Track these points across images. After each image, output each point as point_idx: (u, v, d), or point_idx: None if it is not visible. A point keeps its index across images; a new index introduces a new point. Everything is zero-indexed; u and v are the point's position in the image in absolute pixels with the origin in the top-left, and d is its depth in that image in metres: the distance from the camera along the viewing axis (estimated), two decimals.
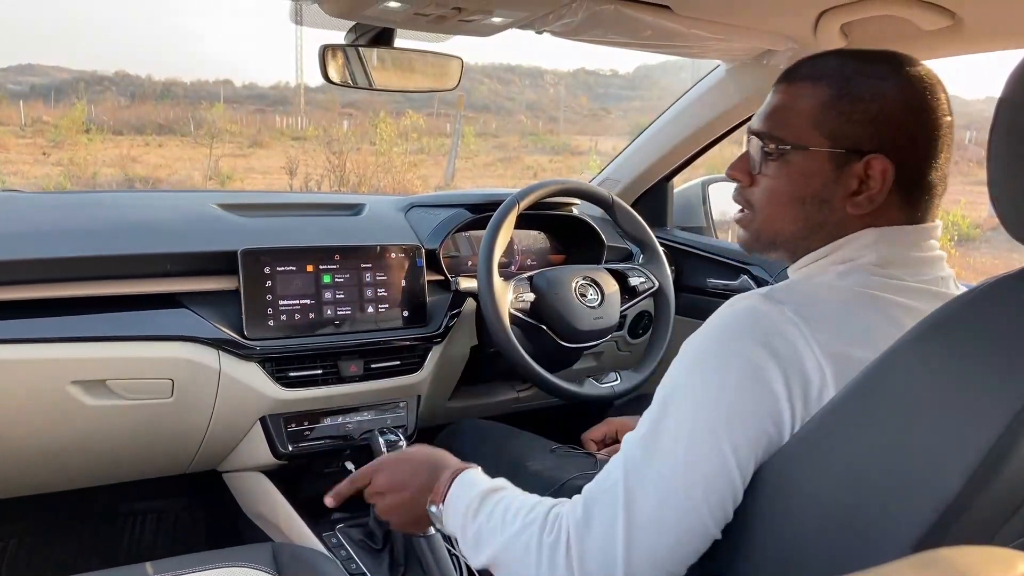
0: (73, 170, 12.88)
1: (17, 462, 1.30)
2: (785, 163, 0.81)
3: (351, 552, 1.34)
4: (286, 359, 1.38)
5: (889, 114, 0.77)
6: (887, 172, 0.77)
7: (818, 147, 0.79)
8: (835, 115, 0.78)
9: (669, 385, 0.76)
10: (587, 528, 0.73)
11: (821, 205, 0.80)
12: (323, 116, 25.61)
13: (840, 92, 0.78)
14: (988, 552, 0.30)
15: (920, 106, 0.78)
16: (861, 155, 0.78)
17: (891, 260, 0.78)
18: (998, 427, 0.57)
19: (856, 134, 0.78)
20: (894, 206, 0.79)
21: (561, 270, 1.57)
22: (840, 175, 0.79)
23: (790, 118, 0.81)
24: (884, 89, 0.77)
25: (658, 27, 1.25)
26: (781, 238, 0.85)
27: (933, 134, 0.78)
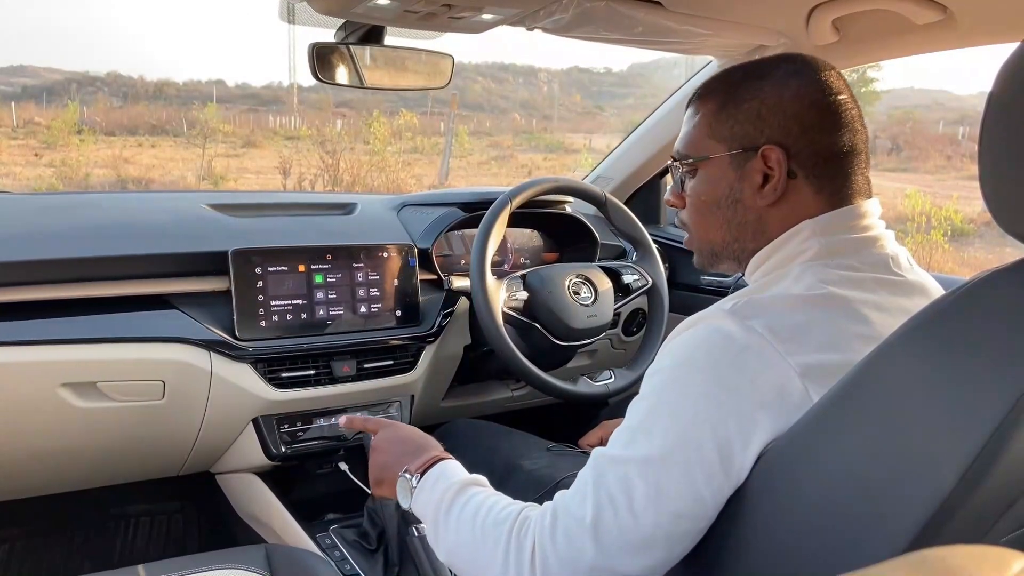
0: (65, 171, 12.83)
1: (7, 466, 1.29)
2: (697, 178, 0.89)
3: (345, 553, 1.34)
4: (278, 360, 1.38)
5: (771, 106, 0.82)
6: (781, 159, 0.81)
7: (717, 153, 0.85)
8: (724, 121, 0.85)
9: (641, 412, 0.77)
10: (552, 538, 0.75)
11: (735, 205, 0.86)
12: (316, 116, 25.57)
13: (725, 101, 0.85)
14: (981, 551, 0.30)
15: (802, 91, 0.82)
16: (755, 151, 0.82)
17: (835, 249, 0.80)
18: (991, 424, 0.57)
19: (745, 132, 0.83)
20: (805, 190, 0.82)
21: (554, 268, 1.57)
22: (743, 173, 0.84)
23: (692, 137, 0.88)
24: (762, 86, 0.83)
25: (650, 23, 1.24)
26: (717, 247, 0.90)
27: (824, 113, 0.82)
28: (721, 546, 0.74)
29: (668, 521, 0.72)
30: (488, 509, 0.82)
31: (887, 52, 1.40)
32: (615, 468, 0.75)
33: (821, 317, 0.74)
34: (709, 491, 0.72)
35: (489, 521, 0.80)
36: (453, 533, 0.83)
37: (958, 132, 22.19)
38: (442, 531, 0.84)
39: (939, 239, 8.37)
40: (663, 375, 0.76)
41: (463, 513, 0.83)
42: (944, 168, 18.26)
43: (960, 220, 9.09)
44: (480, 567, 0.80)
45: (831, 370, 0.71)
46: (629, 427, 0.77)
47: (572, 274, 1.56)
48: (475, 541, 0.81)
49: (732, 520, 0.73)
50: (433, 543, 0.86)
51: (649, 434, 0.74)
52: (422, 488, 0.90)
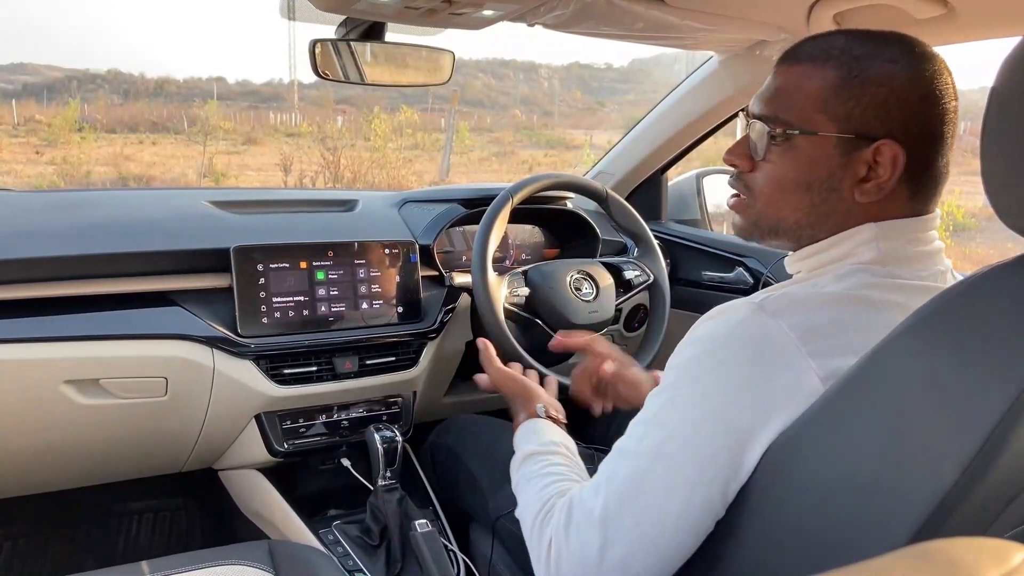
0: (66, 169, 12.82)
1: (10, 462, 1.29)
2: (791, 148, 0.78)
3: (348, 549, 1.34)
4: (280, 356, 1.38)
5: (900, 99, 0.74)
6: (898, 159, 0.74)
7: (826, 132, 0.76)
8: (844, 98, 0.75)
9: (657, 404, 0.76)
10: (566, 534, 0.77)
11: (828, 193, 0.77)
12: (317, 112, 25.53)
13: (849, 74, 0.75)
14: (982, 543, 0.30)
15: (930, 91, 0.75)
16: (871, 141, 0.75)
17: (891, 257, 0.76)
18: (993, 417, 0.57)
19: (865, 119, 0.75)
20: (902, 196, 0.77)
21: (555, 264, 1.57)
22: (848, 161, 0.76)
23: (796, 101, 0.78)
24: (895, 72, 0.74)
25: (650, 18, 1.24)
26: (784, 225, 0.81)
27: (942, 119, 0.76)
28: (724, 540, 0.74)
29: (678, 516, 0.72)
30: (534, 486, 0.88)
31: None
32: (628, 461, 0.75)
33: (853, 318, 0.72)
34: (719, 486, 0.71)
35: (530, 500, 0.87)
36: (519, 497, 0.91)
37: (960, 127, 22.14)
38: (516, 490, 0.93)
39: (941, 234, 8.32)
40: (681, 369, 0.75)
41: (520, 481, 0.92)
42: None
43: (962, 215, 9.07)
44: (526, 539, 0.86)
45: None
46: (644, 419, 0.76)
47: (573, 270, 1.56)
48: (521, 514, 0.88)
49: (735, 514, 0.73)
50: None
51: (663, 427, 0.73)
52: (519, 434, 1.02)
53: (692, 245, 1.94)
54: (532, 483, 0.89)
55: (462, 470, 1.37)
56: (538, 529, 0.81)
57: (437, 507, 1.47)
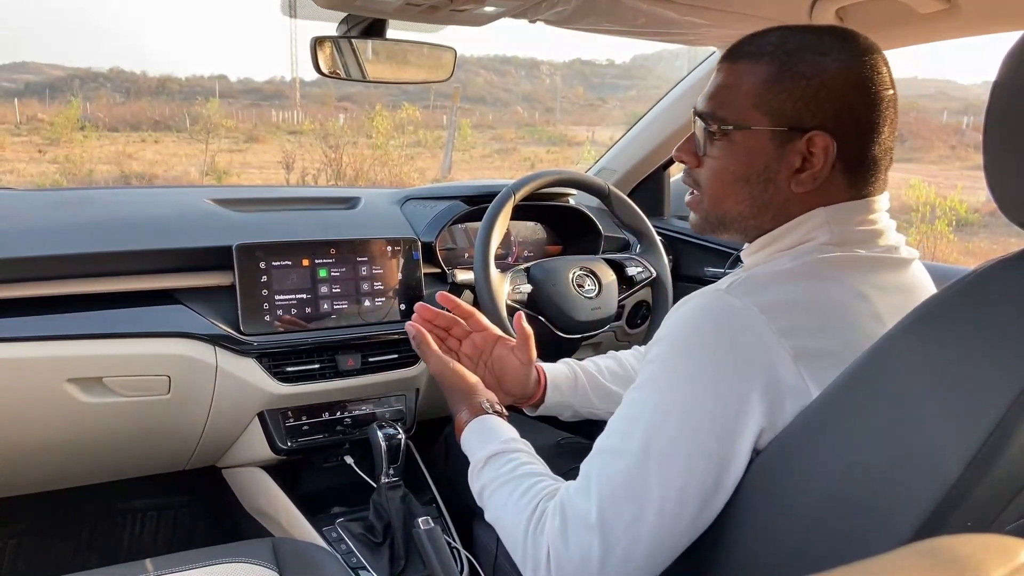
0: (69, 168, 12.83)
1: (14, 461, 1.29)
2: (729, 143, 0.82)
3: (351, 546, 1.34)
4: (283, 354, 1.38)
5: (830, 90, 0.77)
6: (829, 148, 0.77)
7: (760, 126, 0.79)
8: (776, 93, 0.78)
9: (639, 400, 0.76)
10: (564, 541, 0.75)
11: (766, 184, 0.81)
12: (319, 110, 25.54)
13: (781, 69, 0.78)
14: (988, 540, 0.30)
15: (862, 80, 0.78)
16: (803, 132, 0.78)
17: (844, 238, 0.79)
18: (997, 412, 0.57)
19: (797, 111, 0.78)
20: (839, 183, 0.80)
21: (558, 261, 1.56)
22: (782, 153, 0.79)
23: (732, 98, 0.81)
24: (825, 64, 0.77)
25: (652, 14, 1.24)
26: (729, 217, 0.85)
27: (875, 108, 0.79)
28: (726, 535, 0.74)
29: (674, 510, 0.72)
30: (513, 488, 0.85)
31: (890, 41, 1.39)
32: (617, 460, 0.74)
33: (816, 293, 0.74)
34: (712, 475, 0.72)
35: (512, 504, 0.83)
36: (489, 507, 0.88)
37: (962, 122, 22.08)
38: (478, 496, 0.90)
39: (944, 229, 8.34)
40: (659, 362, 0.75)
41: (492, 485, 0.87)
42: (948, 158, 18.19)
43: (965, 210, 9.05)
44: (507, 543, 0.83)
45: (827, 352, 0.71)
46: (628, 416, 0.76)
47: (576, 267, 1.56)
48: (501, 521, 0.84)
49: (737, 508, 0.73)
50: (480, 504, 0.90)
51: (649, 423, 0.73)
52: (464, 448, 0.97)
53: (694, 241, 1.94)
54: (508, 487, 0.85)
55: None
56: (532, 537, 0.78)
57: (440, 504, 1.47)
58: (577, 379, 1.21)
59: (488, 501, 0.87)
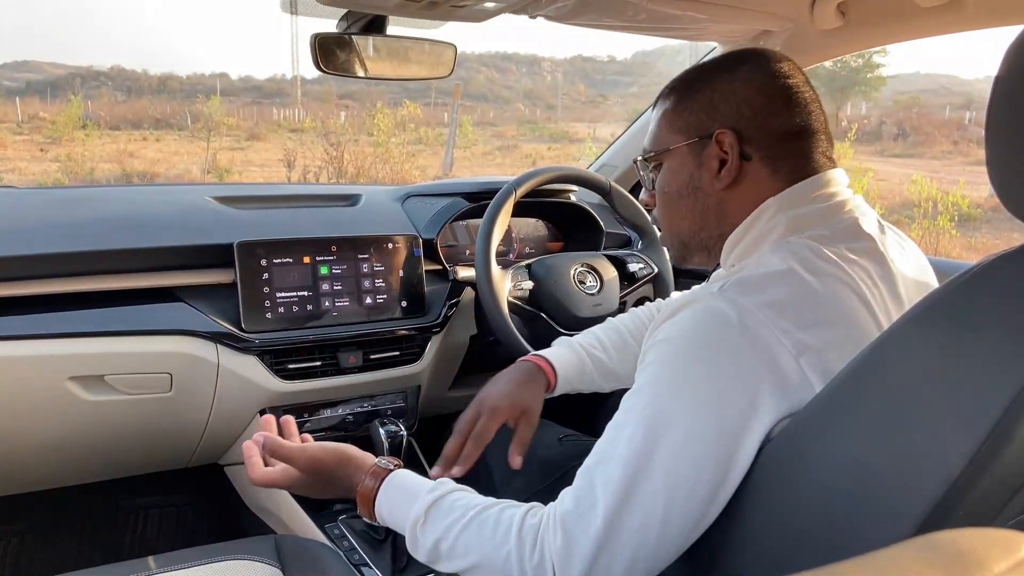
0: (71, 166, 12.84)
1: (17, 459, 1.29)
2: (661, 172, 0.93)
3: (354, 543, 1.34)
4: (284, 351, 1.38)
5: (723, 93, 0.86)
6: (732, 141, 0.84)
7: (676, 144, 0.90)
8: (680, 113, 0.89)
9: (640, 407, 0.74)
10: (568, 555, 0.73)
11: (696, 193, 0.89)
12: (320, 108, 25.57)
13: (681, 95, 0.90)
14: (990, 534, 0.29)
15: (751, 78, 0.85)
16: (710, 136, 0.86)
17: (802, 222, 0.82)
18: (1000, 407, 0.57)
19: (700, 121, 0.87)
20: (761, 172, 0.85)
21: (559, 257, 1.56)
22: (701, 160, 0.87)
23: (654, 133, 0.93)
24: (714, 77, 0.87)
25: (652, 10, 1.24)
26: (685, 237, 0.93)
27: (773, 96, 0.85)
28: (729, 531, 0.74)
29: (680, 517, 0.71)
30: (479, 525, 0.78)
31: (893, 36, 1.39)
32: (622, 469, 0.72)
33: (809, 289, 0.75)
34: (718, 482, 0.71)
35: (487, 538, 0.77)
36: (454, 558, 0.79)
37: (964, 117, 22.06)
38: (431, 553, 0.81)
39: (946, 225, 8.33)
40: (659, 368, 0.75)
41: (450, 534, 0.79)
42: (950, 153, 18.17)
43: (967, 205, 9.04)
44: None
45: (826, 345, 0.72)
46: (629, 423, 0.74)
47: (577, 263, 1.56)
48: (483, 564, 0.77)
49: (740, 505, 0.73)
50: (436, 565, 0.81)
51: (652, 431, 0.72)
52: (383, 519, 0.87)
53: None
54: (472, 528, 0.78)
55: (479, 462, 1.37)
56: (529, 562, 0.74)
57: None
58: (584, 367, 1.21)
59: (452, 551, 0.79)
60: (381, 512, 0.87)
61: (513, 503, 0.80)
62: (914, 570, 0.27)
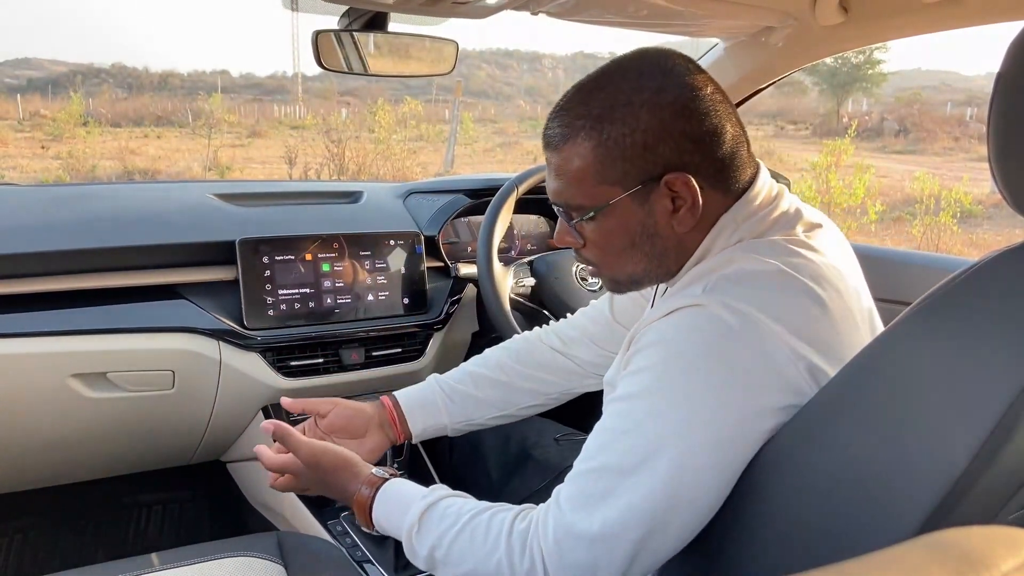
0: (72, 163, 12.84)
1: (20, 456, 1.30)
2: (598, 224, 0.81)
3: (356, 540, 1.34)
4: (287, 348, 1.38)
5: (655, 133, 0.75)
6: (689, 183, 0.76)
7: (616, 198, 0.78)
8: (610, 163, 0.77)
9: (636, 414, 0.72)
10: (559, 557, 0.72)
11: (652, 239, 0.80)
12: (321, 105, 25.56)
13: (600, 139, 0.77)
14: (996, 532, 0.29)
15: (679, 104, 0.76)
16: (657, 181, 0.76)
17: (757, 230, 0.79)
18: (1003, 402, 0.56)
19: (638, 168, 0.76)
20: (714, 197, 0.79)
21: (561, 254, 1.56)
22: (650, 206, 0.78)
23: (575, 186, 0.80)
24: (636, 112, 0.75)
25: (654, 5, 1.23)
26: (637, 276, 0.84)
27: (703, 118, 0.76)
28: (732, 531, 0.73)
29: (679, 525, 0.71)
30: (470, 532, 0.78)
31: (895, 32, 1.39)
32: (614, 479, 0.71)
33: (788, 293, 0.73)
34: (721, 489, 0.71)
35: (479, 545, 0.77)
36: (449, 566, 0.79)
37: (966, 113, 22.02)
38: (427, 561, 0.81)
39: (948, 221, 8.32)
40: (653, 374, 0.72)
41: (443, 541, 0.79)
42: (952, 150, 18.14)
43: (969, 202, 9.02)
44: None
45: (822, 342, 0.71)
46: (627, 431, 0.72)
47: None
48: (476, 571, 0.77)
49: (742, 506, 0.73)
50: (433, 570, 0.82)
51: (649, 440, 0.70)
52: (380, 527, 0.87)
53: None
54: (465, 534, 0.78)
55: (478, 460, 1.37)
56: (520, 563, 0.74)
57: None
58: (437, 391, 1.13)
59: (447, 558, 0.79)
60: (378, 520, 0.87)
61: (504, 507, 0.79)
62: (921, 569, 0.27)
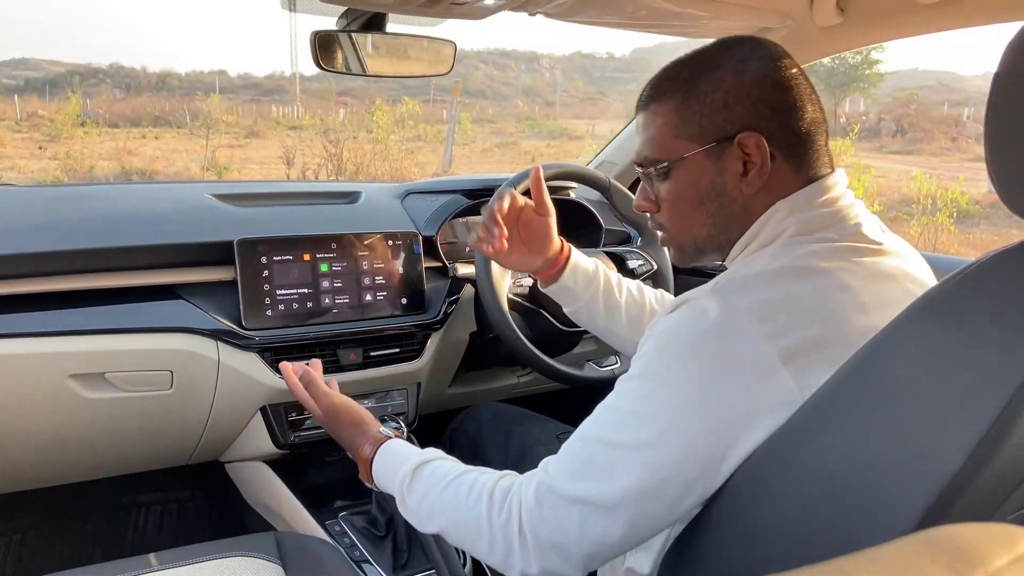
0: (70, 164, 12.83)
1: (18, 456, 1.30)
2: (672, 179, 0.87)
3: (354, 539, 1.34)
4: (285, 348, 1.38)
5: (735, 94, 0.82)
6: (760, 144, 0.81)
7: (690, 151, 0.84)
8: (690, 118, 0.84)
9: (629, 394, 0.77)
10: (539, 512, 0.76)
11: (719, 199, 0.85)
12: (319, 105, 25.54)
13: (684, 96, 0.84)
14: (990, 529, 0.30)
15: (760, 74, 0.82)
16: (731, 140, 0.82)
17: (812, 224, 0.81)
18: (999, 402, 0.57)
19: (716, 124, 0.83)
20: (785, 171, 0.83)
21: None
22: (722, 166, 0.84)
23: (656, 139, 0.87)
24: (721, 75, 0.82)
25: (652, 6, 1.24)
26: (701, 242, 0.89)
27: (784, 90, 0.82)
28: (726, 532, 0.74)
29: (652, 500, 0.73)
30: (456, 487, 0.84)
31: (892, 32, 1.39)
32: (603, 450, 0.75)
33: (801, 289, 0.75)
34: (697, 472, 0.72)
35: (463, 500, 0.82)
36: (433, 517, 0.86)
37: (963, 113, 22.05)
38: (414, 514, 0.88)
39: (945, 221, 8.33)
40: (649, 359, 0.76)
41: (429, 495, 0.86)
42: (949, 150, 18.17)
43: (966, 202, 9.03)
44: (465, 541, 0.83)
45: (813, 345, 0.71)
46: (617, 408, 0.77)
47: None
48: (457, 522, 0.83)
49: (736, 506, 0.73)
50: (417, 526, 0.88)
51: (638, 419, 0.74)
52: (379, 483, 0.96)
53: None
54: (452, 488, 0.84)
55: (478, 458, 1.37)
56: (499, 517, 0.79)
57: None
58: (595, 277, 1.25)
59: (431, 512, 0.86)
60: (376, 474, 0.96)
61: (489, 470, 0.86)
62: (914, 565, 0.27)
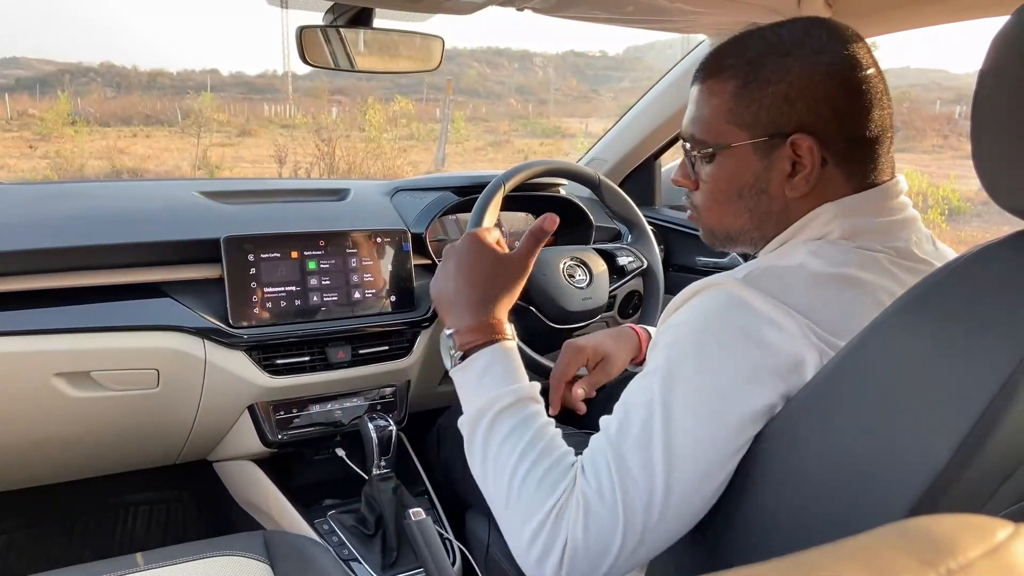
0: (60, 163, 12.78)
1: (4, 456, 1.29)
2: (715, 164, 0.81)
3: (343, 538, 1.34)
4: (273, 347, 1.37)
5: (800, 89, 0.75)
6: (813, 148, 0.75)
7: (739, 141, 0.78)
8: (746, 105, 0.77)
9: (654, 387, 0.72)
10: (585, 535, 0.70)
11: (760, 195, 0.80)
12: (311, 103, 25.51)
13: (746, 80, 0.77)
14: (966, 520, 0.29)
15: (831, 69, 0.75)
16: (784, 138, 0.76)
17: (857, 231, 0.76)
18: (986, 397, 0.56)
19: (772, 118, 0.76)
20: (835, 177, 0.77)
21: (549, 251, 1.56)
22: (769, 162, 0.78)
23: (706, 119, 0.81)
24: (789, 65, 0.75)
25: (640, 1, 1.23)
26: (733, 232, 0.85)
27: (854, 92, 0.76)
28: (722, 518, 0.74)
29: (694, 498, 0.71)
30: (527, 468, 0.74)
31: (881, 27, 1.39)
32: (636, 453, 0.70)
33: (838, 298, 0.72)
34: (729, 469, 0.71)
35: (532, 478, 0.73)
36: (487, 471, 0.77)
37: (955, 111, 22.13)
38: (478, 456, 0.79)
39: (936, 218, 8.37)
40: (677, 350, 0.72)
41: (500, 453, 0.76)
42: (941, 147, 18.23)
43: (957, 199, 9.07)
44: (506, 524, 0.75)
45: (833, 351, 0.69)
46: (644, 403, 0.72)
47: (567, 257, 1.55)
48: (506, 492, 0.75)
49: (731, 493, 0.73)
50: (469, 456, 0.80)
51: (667, 415, 0.70)
52: (460, 382, 0.84)
53: (686, 230, 1.94)
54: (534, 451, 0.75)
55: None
56: (551, 526, 0.71)
57: (432, 495, 1.47)
58: None
59: (491, 464, 0.77)
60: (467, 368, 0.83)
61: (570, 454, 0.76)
62: (885, 556, 0.27)
